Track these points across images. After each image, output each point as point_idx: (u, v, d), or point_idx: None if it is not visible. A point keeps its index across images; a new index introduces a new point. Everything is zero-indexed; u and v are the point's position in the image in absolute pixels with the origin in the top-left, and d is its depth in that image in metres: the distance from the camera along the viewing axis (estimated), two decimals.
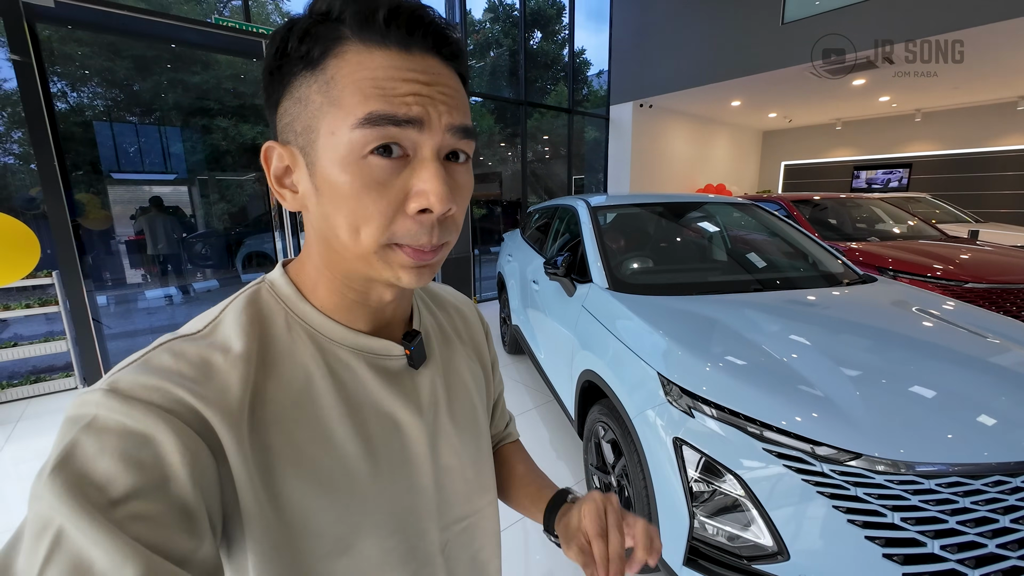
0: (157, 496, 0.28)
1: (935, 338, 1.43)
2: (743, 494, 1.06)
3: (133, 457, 0.29)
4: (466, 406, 0.50)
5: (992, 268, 3.00)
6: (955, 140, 8.18)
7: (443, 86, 0.35)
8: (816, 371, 1.22)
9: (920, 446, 0.99)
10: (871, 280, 2.02)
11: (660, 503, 1.25)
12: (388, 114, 0.32)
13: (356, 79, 0.33)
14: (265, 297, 0.41)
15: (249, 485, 0.34)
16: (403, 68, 0.33)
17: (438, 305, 0.56)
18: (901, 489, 0.94)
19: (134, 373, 0.32)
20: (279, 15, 8.59)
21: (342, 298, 0.41)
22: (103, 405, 0.30)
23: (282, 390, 0.37)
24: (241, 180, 6.90)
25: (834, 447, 1.00)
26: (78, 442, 0.29)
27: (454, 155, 0.37)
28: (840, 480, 0.98)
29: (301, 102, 0.35)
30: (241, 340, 0.37)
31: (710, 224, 2.66)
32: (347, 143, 0.33)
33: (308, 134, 0.35)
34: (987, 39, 4.55)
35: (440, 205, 0.34)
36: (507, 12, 10.68)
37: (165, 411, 0.31)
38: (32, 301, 2.99)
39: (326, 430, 0.38)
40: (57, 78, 5.62)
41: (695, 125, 8.75)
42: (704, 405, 1.19)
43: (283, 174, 0.38)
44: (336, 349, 0.41)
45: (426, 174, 0.34)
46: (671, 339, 1.42)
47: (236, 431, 0.33)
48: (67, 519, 0.26)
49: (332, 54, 0.33)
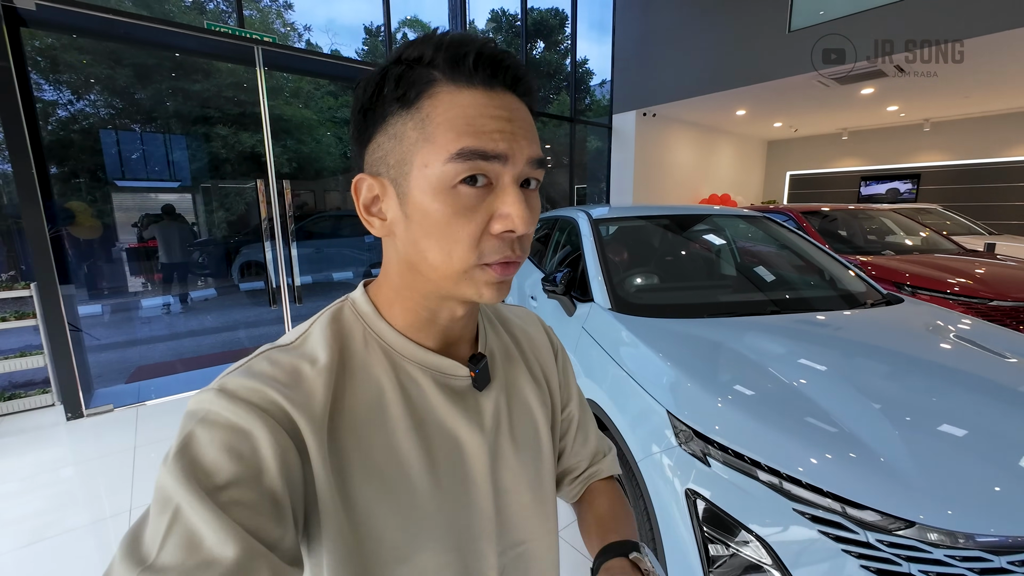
0: (253, 485, 0.32)
1: (983, 371, 1.27)
2: (769, 562, 0.90)
3: (235, 448, 0.33)
4: (528, 429, 0.51)
5: (1017, 284, 2.83)
6: (964, 150, 8.02)
7: (522, 121, 0.39)
8: (851, 413, 1.06)
9: (982, 511, 0.83)
10: (897, 300, 1.86)
11: (671, 561, 1.09)
12: (478, 150, 0.36)
13: (449, 117, 0.36)
14: (347, 314, 0.45)
15: (326, 485, 0.37)
16: (489, 106, 0.37)
17: (505, 325, 0.56)
18: (965, 568, 0.78)
19: (239, 376, 0.37)
20: (282, 24, 8.59)
21: (416, 317, 0.44)
22: (215, 403, 0.35)
23: (357, 400, 0.40)
24: (240, 188, 6.81)
25: (881, 512, 0.84)
26: (194, 433, 0.33)
27: (526, 182, 0.40)
28: (889, 553, 0.82)
29: (396, 138, 0.38)
30: (325, 352, 0.40)
31: (719, 238, 2.51)
32: (439, 175, 0.36)
33: (402, 166, 0.38)
34: (993, 48, 4.42)
35: (523, 226, 0.37)
36: (510, 22, 10.67)
37: (262, 410, 0.35)
38: (9, 314, 2.86)
39: (393, 441, 0.41)
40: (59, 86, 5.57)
41: (699, 134, 8.63)
42: (719, 451, 1.03)
43: (371, 203, 0.41)
44: (406, 365, 0.43)
45: (509, 199, 0.37)
46: (680, 370, 1.27)
47: (318, 434, 0.37)
48: (183, 499, 0.30)
49: (426, 95, 0.37)
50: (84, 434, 2.64)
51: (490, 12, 11.29)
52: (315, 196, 7.97)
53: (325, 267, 7.19)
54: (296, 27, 8.76)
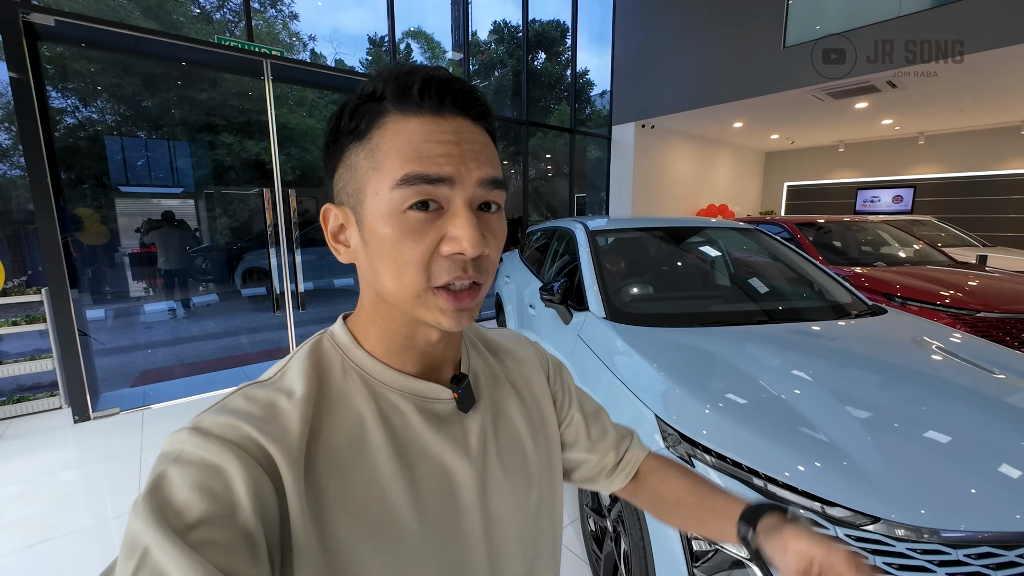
0: (226, 523, 0.31)
1: (956, 379, 1.34)
2: (747, 556, 0.96)
3: (207, 487, 0.32)
4: (516, 454, 0.49)
5: (1004, 296, 2.90)
6: (959, 163, 8.14)
7: (472, 143, 0.39)
8: (826, 416, 1.13)
9: (945, 508, 0.89)
10: (881, 311, 1.93)
11: (658, 559, 1.15)
12: (421, 174, 0.36)
13: (395, 144, 0.37)
14: (326, 346, 0.44)
15: (301, 521, 0.35)
16: (436, 131, 0.38)
17: (490, 350, 0.56)
18: (925, 560, 0.85)
19: (214, 414, 0.36)
20: (288, 35, 8.74)
21: (391, 343, 0.43)
22: (188, 441, 0.34)
23: (336, 431, 0.39)
24: (244, 195, 6.90)
25: (850, 508, 0.91)
26: (166, 473, 0.32)
27: (486, 205, 0.40)
28: (856, 547, 0.88)
29: (352, 168, 0.40)
30: (303, 384, 0.40)
31: (712, 250, 2.58)
32: (388, 201, 0.37)
33: (357, 195, 0.39)
34: (989, 64, 4.53)
35: (472, 249, 0.37)
36: (511, 33, 10.85)
37: (236, 445, 0.34)
38: (19, 318, 2.93)
39: (374, 472, 0.39)
40: (69, 93, 5.68)
41: (697, 145, 8.75)
42: (704, 453, 1.10)
43: (338, 231, 0.43)
44: (387, 392, 0.43)
45: (459, 221, 0.37)
46: (670, 377, 1.34)
47: (294, 468, 0.35)
48: (152, 540, 0.29)
49: (376, 125, 0.38)
50: (91, 437, 2.69)
51: (492, 23, 11.48)
52: (317, 203, 8.07)
53: (327, 274, 7.27)
54: (301, 37, 8.92)
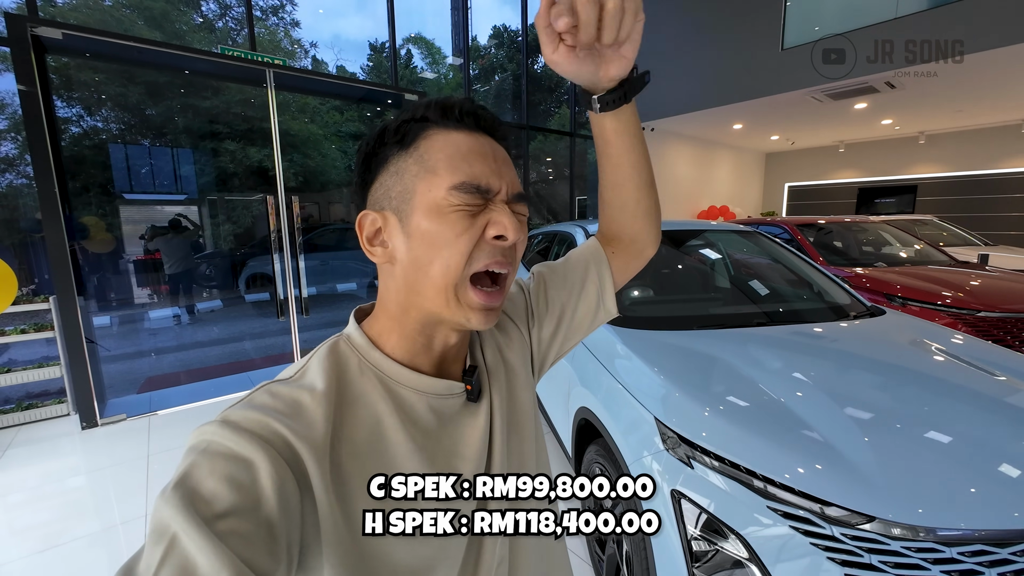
0: (251, 515, 0.32)
1: (950, 378, 1.35)
2: (747, 556, 0.98)
3: (235, 478, 0.33)
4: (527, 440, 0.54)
5: (1005, 296, 2.91)
6: (960, 162, 8.14)
7: (504, 160, 0.47)
8: (824, 418, 1.15)
9: (940, 507, 0.91)
10: (880, 312, 1.94)
11: (659, 559, 1.17)
12: (474, 184, 0.43)
13: (446, 153, 0.43)
14: (342, 347, 0.47)
15: (330, 513, 0.37)
16: (475, 144, 0.44)
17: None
18: (920, 558, 0.86)
19: (242, 409, 0.38)
20: (290, 42, 8.82)
21: (412, 344, 0.47)
22: (217, 433, 0.35)
23: (357, 428, 0.42)
24: (247, 201, 6.95)
25: (846, 508, 0.92)
26: (195, 463, 0.34)
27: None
28: (852, 546, 0.90)
29: (398, 173, 0.44)
30: (323, 381, 0.42)
31: (712, 252, 2.60)
32: (440, 199, 0.42)
33: (406, 195, 0.44)
34: (989, 64, 4.54)
35: (513, 233, 0.43)
36: (511, 38, 10.91)
37: (264, 440, 0.35)
38: (28, 327, 2.96)
39: (396, 466, 0.42)
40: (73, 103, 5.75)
41: (697, 147, 8.78)
42: (704, 455, 1.12)
43: (374, 236, 0.46)
44: (402, 390, 0.46)
45: (501, 213, 0.44)
46: (669, 380, 1.36)
47: (320, 463, 0.37)
48: (180, 527, 0.30)
49: (422, 137, 0.44)
50: (98, 443, 2.72)
51: (492, 28, 11.56)
52: (320, 209, 8.11)
53: (330, 279, 7.30)
54: (303, 43, 9.00)
